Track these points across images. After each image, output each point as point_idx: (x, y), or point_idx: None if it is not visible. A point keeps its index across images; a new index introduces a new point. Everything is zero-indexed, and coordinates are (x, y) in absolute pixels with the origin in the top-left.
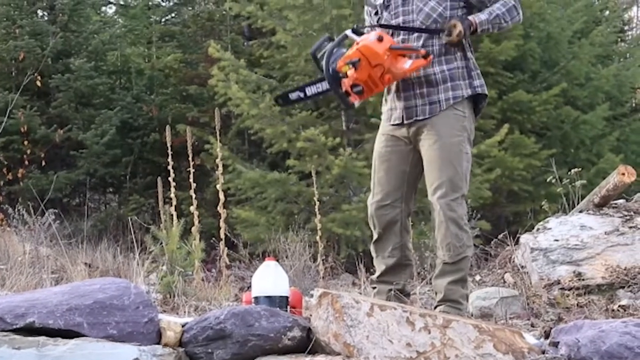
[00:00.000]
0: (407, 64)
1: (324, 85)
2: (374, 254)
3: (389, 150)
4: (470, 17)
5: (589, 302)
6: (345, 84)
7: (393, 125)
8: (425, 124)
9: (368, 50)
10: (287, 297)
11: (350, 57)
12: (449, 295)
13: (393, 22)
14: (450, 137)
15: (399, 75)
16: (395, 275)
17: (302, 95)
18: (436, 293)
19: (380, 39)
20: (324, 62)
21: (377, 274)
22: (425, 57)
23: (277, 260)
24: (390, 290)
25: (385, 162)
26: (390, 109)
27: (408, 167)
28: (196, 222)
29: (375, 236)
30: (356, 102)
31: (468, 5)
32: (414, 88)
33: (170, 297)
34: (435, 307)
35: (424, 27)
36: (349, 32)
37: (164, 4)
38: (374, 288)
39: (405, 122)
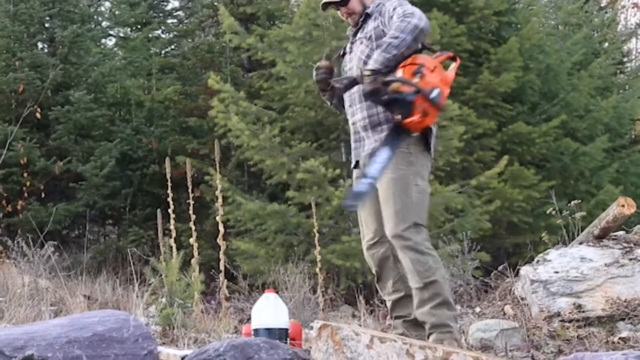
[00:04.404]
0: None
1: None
2: (381, 293)
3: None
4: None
5: (589, 334)
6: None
7: (355, 169)
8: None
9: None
10: (286, 329)
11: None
12: (435, 322)
13: (346, 68)
14: (394, 172)
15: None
16: (404, 307)
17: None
18: (424, 323)
19: None
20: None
21: (389, 311)
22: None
23: (277, 292)
24: (405, 321)
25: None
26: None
27: (380, 205)
28: (196, 253)
29: (375, 276)
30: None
31: None
32: (359, 131)
33: (170, 329)
34: (428, 337)
35: (359, 69)
36: None
37: (163, 36)
38: (389, 325)
39: (356, 162)
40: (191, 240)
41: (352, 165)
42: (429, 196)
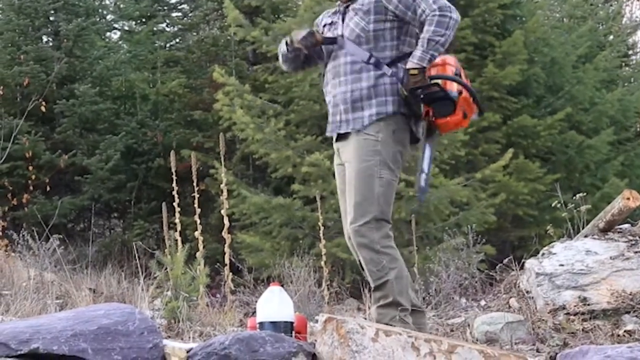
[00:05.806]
0: None
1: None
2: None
3: (343, 181)
4: (408, 64)
5: (595, 327)
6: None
7: (337, 142)
8: (341, 145)
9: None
10: (292, 323)
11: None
12: (379, 320)
13: (330, 35)
14: (358, 163)
15: None
16: None
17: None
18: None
19: None
20: None
21: None
22: None
23: (282, 286)
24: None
25: (344, 192)
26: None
27: None
28: (201, 247)
29: (360, 267)
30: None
31: (399, 19)
32: (338, 104)
33: (175, 322)
34: None
35: (350, 40)
36: None
37: (168, 29)
38: None
39: (329, 134)
40: (196, 233)
41: (335, 139)
42: (395, 187)
